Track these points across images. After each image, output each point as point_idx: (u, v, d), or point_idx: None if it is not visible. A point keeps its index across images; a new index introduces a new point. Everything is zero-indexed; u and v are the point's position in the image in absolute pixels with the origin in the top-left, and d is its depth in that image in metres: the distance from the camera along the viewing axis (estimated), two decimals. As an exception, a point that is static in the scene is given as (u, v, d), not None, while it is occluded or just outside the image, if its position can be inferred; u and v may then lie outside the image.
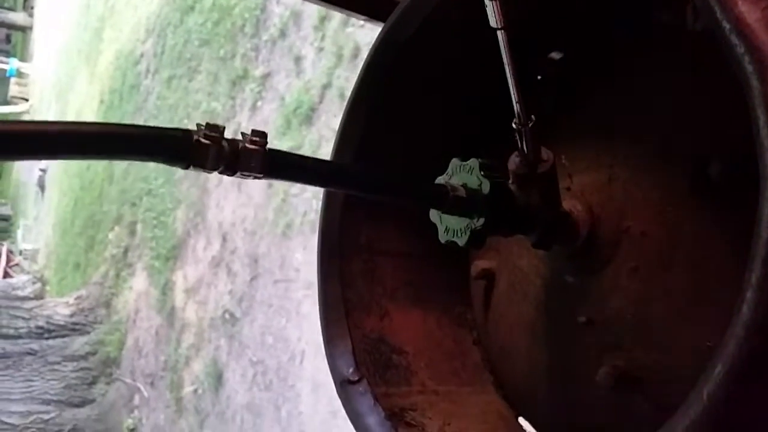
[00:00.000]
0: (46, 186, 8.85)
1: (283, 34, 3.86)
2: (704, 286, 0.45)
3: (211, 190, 4.52)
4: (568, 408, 0.55)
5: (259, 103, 4.03)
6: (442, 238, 0.46)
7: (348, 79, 3.25)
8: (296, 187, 3.65)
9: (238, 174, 0.33)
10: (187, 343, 4.59)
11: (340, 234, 0.61)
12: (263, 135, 0.32)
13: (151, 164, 5.07)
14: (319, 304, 0.61)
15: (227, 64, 4.41)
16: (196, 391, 4.36)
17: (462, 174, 0.45)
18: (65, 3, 9.53)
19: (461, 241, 0.45)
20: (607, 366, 0.49)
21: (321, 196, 0.64)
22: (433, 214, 0.46)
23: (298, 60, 3.69)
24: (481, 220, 0.44)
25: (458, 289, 0.68)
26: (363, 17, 0.73)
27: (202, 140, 0.30)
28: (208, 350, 4.32)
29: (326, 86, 3.46)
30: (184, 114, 4.95)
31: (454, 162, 0.46)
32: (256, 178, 0.34)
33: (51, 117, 9.48)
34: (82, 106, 7.64)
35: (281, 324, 3.72)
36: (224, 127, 0.31)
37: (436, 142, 0.60)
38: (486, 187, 0.44)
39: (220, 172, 0.33)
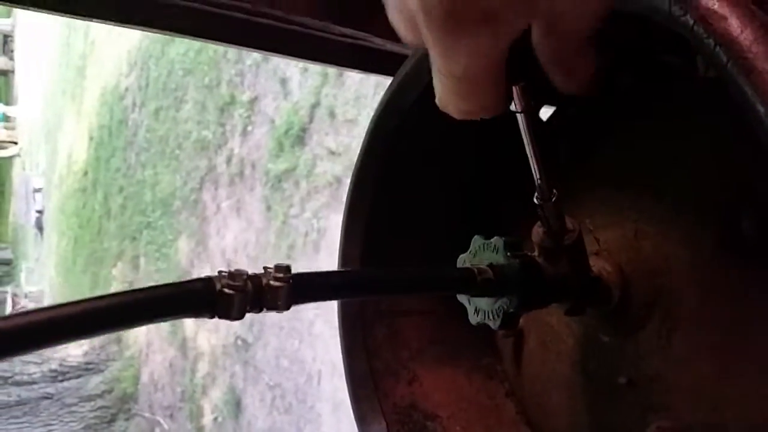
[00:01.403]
0: (45, 227, 8.83)
1: (265, 57, 3.85)
2: (745, 343, 0.43)
3: (210, 218, 4.51)
4: (613, 466, 0.53)
5: (249, 128, 4.02)
6: (473, 320, 0.45)
7: (336, 96, 3.25)
8: (295, 208, 3.64)
9: (264, 310, 0.32)
10: (202, 372, 4.59)
11: (360, 302, 0.60)
12: (287, 269, 0.31)
13: (147, 196, 5.05)
14: (347, 379, 0.60)
15: (213, 91, 4.40)
16: (216, 419, 4.35)
17: (486, 253, 0.44)
18: (45, 43, 9.52)
19: (494, 324, 0.43)
20: (653, 426, 0.47)
21: (320, 215, 0.62)
22: (462, 297, 0.45)
23: (283, 82, 3.69)
24: (514, 301, 0.42)
25: (486, 341, 0.66)
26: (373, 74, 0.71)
27: (226, 291, 0.29)
28: (224, 378, 4.31)
29: (315, 105, 3.45)
30: (175, 144, 4.94)
31: (477, 240, 0.45)
32: (282, 311, 0.32)
33: (42, 157, 9.47)
34: (72, 145, 7.63)
35: (295, 346, 3.71)
36: (247, 273, 0.30)
37: (441, 215, 0.59)
38: (514, 267, 0.42)
39: (246, 313, 0.31)
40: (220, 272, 0.29)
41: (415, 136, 0.56)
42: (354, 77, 3.00)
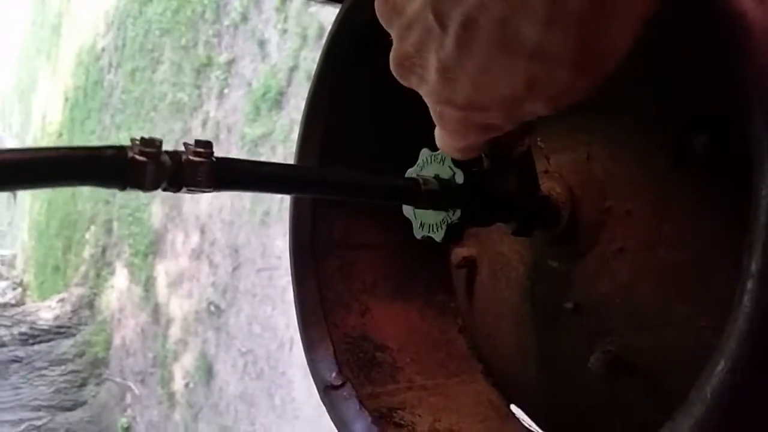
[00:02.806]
0: (17, 193, 8.69)
1: (244, 18, 3.78)
2: (693, 264, 0.42)
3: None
4: (561, 395, 0.53)
5: (225, 91, 3.96)
6: (418, 234, 0.44)
7: (315, 60, 3.20)
8: (271, 174, 3.59)
9: (184, 190, 0.30)
10: (174, 338, 4.56)
11: (312, 231, 0.59)
12: (208, 144, 0.29)
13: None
14: (296, 308, 0.59)
15: (190, 52, 4.32)
16: (187, 385, 4.34)
17: (433, 165, 0.43)
18: (18, 1, 9.27)
19: (438, 237, 0.42)
20: (599, 352, 0.47)
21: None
22: (407, 210, 0.44)
23: (262, 44, 3.62)
24: (458, 213, 0.41)
25: (440, 277, 0.66)
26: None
27: (138, 157, 0.27)
28: (196, 344, 4.30)
29: (293, 69, 3.40)
30: (151, 106, 4.85)
31: (424, 152, 0.44)
32: (204, 192, 0.31)
33: (15, 118, 9.27)
34: (47, 106, 7.48)
35: (267, 312, 3.70)
36: (161, 141, 0.28)
37: (401, 133, 0.58)
38: (459, 178, 0.41)
39: (163, 190, 0.30)
40: (132, 139, 0.28)
41: (369, 54, 0.54)
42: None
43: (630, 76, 0.46)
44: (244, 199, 3.85)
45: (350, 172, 0.40)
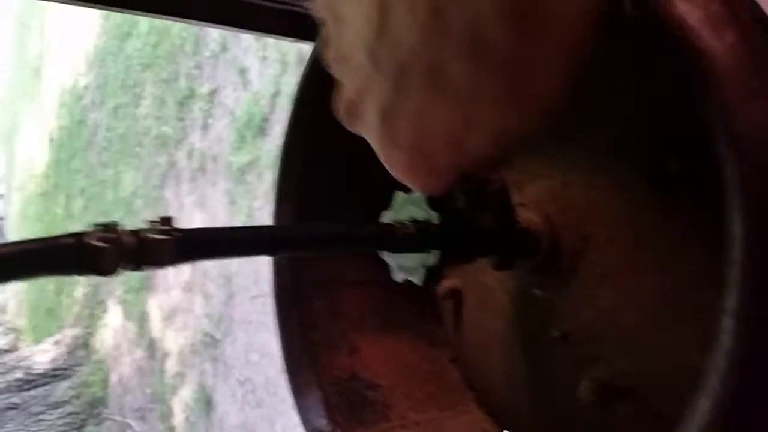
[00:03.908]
0: (7, 234, 8.63)
1: (224, 48, 3.79)
2: (676, 287, 0.42)
3: (174, 215, 4.43)
4: (553, 423, 0.53)
5: (209, 121, 3.96)
6: (397, 277, 0.43)
7: (296, 84, 3.21)
8: (259, 201, 3.60)
9: (143, 267, 0.29)
10: (171, 372, 4.52)
11: (294, 275, 0.58)
12: (168, 220, 0.29)
13: (109, 197, 4.97)
14: (282, 353, 0.58)
15: (172, 85, 4.33)
16: (187, 418, 4.30)
17: (408, 208, 0.42)
18: (-2, 44, 9.27)
19: (417, 280, 0.42)
20: (588, 379, 0.47)
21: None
22: (385, 255, 0.43)
23: (242, 72, 3.63)
24: (436, 255, 0.41)
25: (428, 308, 0.65)
26: (290, 39, 0.69)
27: (97, 244, 0.26)
28: (194, 376, 4.26)
29: (275, 95, 3.41)
30: (136, 142, 4.85)
31: (398, 196, 0.43)
32: (165, 268, 0.30)
33: (1, 162, 9.24)
34: (32, 148, 7.46)
35: (263, 339, 3.68)
36: (117, 223, 0.27)
37: (375, 175, 0.57)
38: (435, 219, 0.41)
39: (123, 270, 0.29)
40: (94, 225, 0.27)
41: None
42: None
43: (601, 100, 0.46)
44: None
45: (321, 226, 0.40)
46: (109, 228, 0.27)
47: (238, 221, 3.73)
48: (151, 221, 0.29)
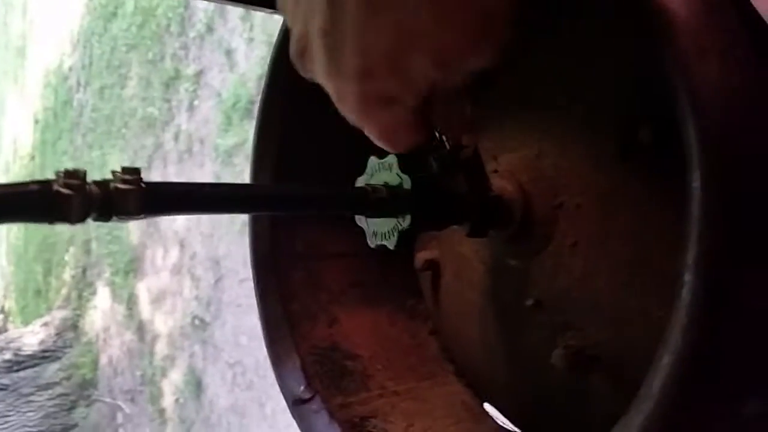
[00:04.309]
0: (-8, 215, 8.55)
1: (210, 28, 3.75)
2: (644, 255, 0.43)
3: (161, 197, 4.41)
4: (529, 391, 0.53)
5: (196, 102, 3.93)
6: (371, 242, 0.43)
7: (283, 66, 3.18)
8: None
9: (115, 219, 0.29)
10: (161, 354, 4.52)
11: (273, 245, 0.58)
12: (136, 171, 0.29)
13: (95, 178, 4.99)
14: (261, 324, 0.58)
15: (158, 66, 4.28)
16: (177, 400, 4.31)
17: (381, 173, 0.43)
18: (-20, 25, 9.13)
19: (390, 244, 0.42)
20: (561, 347, 0.47)
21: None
22: (359, 219, 0.44)
23: (229, 53, 3.60)
24: (408, 219, 0.41)
25: (407, 281, 0.65)
26: (269, 11, 0.69)
27: (62, 191, 0.26)
28: (183, 358, 4.26)
29: (262, 77, 3.37)
30: (122, 123, 4.81)
31: (372, 160, 0.43)
32: (135, 220, 0.30)
33: (-14, 144, 9.14)
34: (17, 129, 7.39)
35: (253, 322, 3.67)
36: (85, 172, 0.27)
37: (351, 144, 0.58)
38: (407, 183, 0.41)
39: (94, 220, 0.29)
40: (56, 172, 0.27)
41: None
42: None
43: (576, 70, 0.46)
44: (222, 210, 3.81)
45: (293, 186, 0.40)
46: (73, 174, 0.27)
47: (226, 203, 3.71)
48: (117, 172, 0.29)
